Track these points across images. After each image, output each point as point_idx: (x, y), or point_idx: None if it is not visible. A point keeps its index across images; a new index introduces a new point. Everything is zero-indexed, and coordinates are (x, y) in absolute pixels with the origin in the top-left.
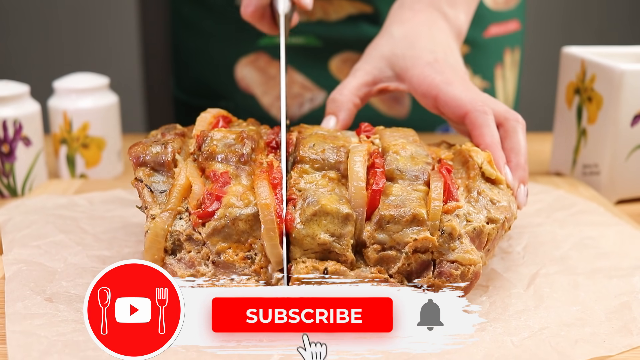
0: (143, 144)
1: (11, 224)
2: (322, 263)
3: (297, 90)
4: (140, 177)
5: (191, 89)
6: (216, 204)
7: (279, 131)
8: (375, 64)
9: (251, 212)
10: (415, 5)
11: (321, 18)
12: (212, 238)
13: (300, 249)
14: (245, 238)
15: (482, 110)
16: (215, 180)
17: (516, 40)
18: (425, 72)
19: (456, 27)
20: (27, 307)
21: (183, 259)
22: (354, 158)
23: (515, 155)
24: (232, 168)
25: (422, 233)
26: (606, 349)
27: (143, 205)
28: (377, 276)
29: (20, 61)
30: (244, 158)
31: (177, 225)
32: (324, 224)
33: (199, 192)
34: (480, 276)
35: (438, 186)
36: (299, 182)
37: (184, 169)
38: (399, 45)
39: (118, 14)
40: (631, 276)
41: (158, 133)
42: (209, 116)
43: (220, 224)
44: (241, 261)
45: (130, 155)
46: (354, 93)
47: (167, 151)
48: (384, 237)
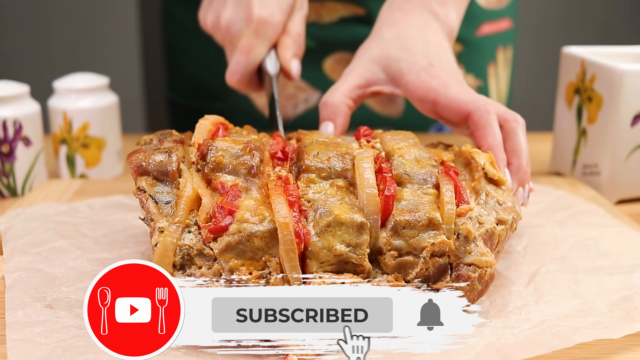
0: (144, 152)
1: (12, 232)
2: (339, 277)
3: (291, 91)
4: (143, 187)
5: (186, 90)
6: (229, 219)
7: (282, 140)
8: (367, 66)
9: (267, 229)
10: (404, 6)
11: (314, 20)
12: (224, 254)
13: (316, 262)
14: (260, 255)
15: (485, 109)
16: (225, 193)
17: (509, 38)
18: (421, 77)
19: (447, 27)
20: (28, 314)
21: (193, 274)
22: (362, 165)
23: (516, 157)
24: (242, 180)
25: (439, 237)
26: (609, 333)
27: (147, 217)
28: (395, 285)
29: (20, 61)
30: (254, 170)
31: (186, 239)
32: (338, 234)
33: (209, 205)
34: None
35: (449, 189)
36: (307, 193)
37: (190, 180)
38: (391, 47)
39: (117, 14)
40: (632, 273)
41: (153, 139)
42: (208, 123)
43: (235, 239)
44: (255, 280)
45: (130, 164)
46: (346, 95)
47: (172, 160)
48: (401, 242)
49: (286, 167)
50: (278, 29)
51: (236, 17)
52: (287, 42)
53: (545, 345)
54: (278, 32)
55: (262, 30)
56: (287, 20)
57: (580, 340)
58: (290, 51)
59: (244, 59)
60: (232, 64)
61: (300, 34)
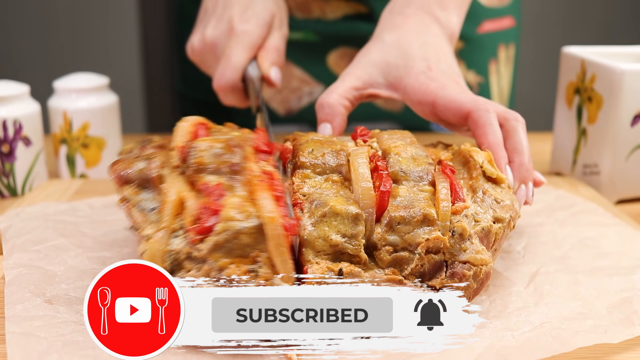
0: (124, 161)
1: (12, 230)
2: (336, 264)
3: (295, 84)
4: (126, 196)
5: (194, 83)
6: (214, 218)
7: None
8: (366, 69)
9: (254, 225)
10: (405, 10)
11: (319, 17)
12: (213, 254)
13: (312, 251)
14: (249, 252)
15: (484, 108)
16: (209, 193)
17: (511, 36)
18: (420, 80)
19: (448, 30)
20: (27, 309)
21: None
22: (357, 160)
23: (517, 154)
24: (225, 179)
25: (433, 233)
26: (608, 337)
27: (133, 226)
28: (391, 278)
29: (20, 61)
30: (236, 167)
31: (174, 244)
32: (334, 225)
33: (193, 207)
34: (490, 276)
35: (445, 187)
36: (303, 187)
37: (173, 184)
38: (391, 52)
39: (118, 13)
40: (632, 274)
41: (134, 147)
42: (188, 125)
43: (222, 238)
44: (244, 275)
45: (112, 174)
46: (342, 96)
47: (151, 166)
48: (396, 238)
49: (271, 161)
50: (257, 39)
51: (220, 33)
52: (266, 53)
53: (545, 348)
54: (257, 42)
55: (242, 39)
56: (267, 36)
57: (580, 345)
58: (269, 60)
59: (228, 65)
60: (217, 71)
61: (279, 48)
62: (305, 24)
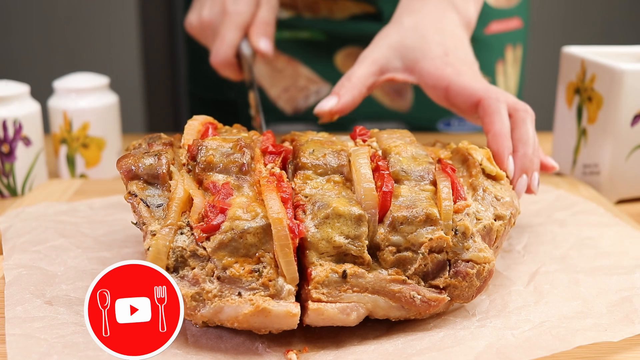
0: (133, 156)
1: (12, 230)
2: (340, 266)
3: (303, 83)
4: (134, 191)
5: (204, 82)
6: (221, 217)
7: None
8: (384, 52)
9: (260, 225)
10: None
11: (326, 16)
12: (218, 252)
13: (316, 252)
14: (254, 252)
15: (495, 97)
16: (217, 192)
17: (518, 37)
18: (436, 64)
19: (466, 18)
20: (27, 310)
21: (186, 276)
22: (358, 160)
23: (522, 145)
24: (233, 179)
25: (436, 232)
26: (608, 336)
27: (139, 221)
28: (395, 278)
29: (20, 61)
30: (245, 168)
31: (179, 241)
32: (337, 226)
33: (200, 205)
34: (493, 274)
35: (446, 186)
36: (304, 189)
37: (181, 181)
38: (409, 36)
39: (118, 14)
40: (632, 273)
41: (142, 143)
42: (197, 124)
43: (227, 237)
44: (248, 275)
45: (120, 169)
46: (362, 82)
47: (161, 162)
48: (399, 238)
49: (278, 162)
50: (247, 18)
51: (214, 14)
52: (256, 28)
53: (545, 347)
54: (247, 20)
55: (234, 19)
56: (256, 11)
57: (580, 343)
58: (258, 34)
59: (222, 44)
60: (213, 49)
61: (268, 22)
62: (313, 24)
